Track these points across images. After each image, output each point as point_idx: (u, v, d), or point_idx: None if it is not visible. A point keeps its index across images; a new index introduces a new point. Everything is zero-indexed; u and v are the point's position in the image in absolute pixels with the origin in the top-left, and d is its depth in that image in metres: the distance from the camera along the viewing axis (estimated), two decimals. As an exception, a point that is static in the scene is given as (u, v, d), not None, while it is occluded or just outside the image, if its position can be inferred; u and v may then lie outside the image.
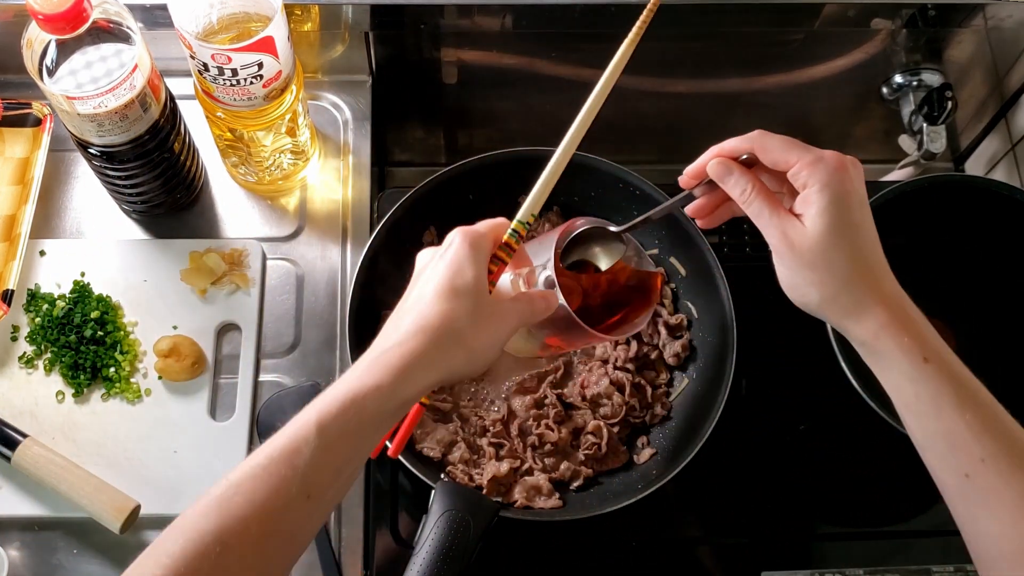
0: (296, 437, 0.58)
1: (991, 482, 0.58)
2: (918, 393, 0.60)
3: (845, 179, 0.62)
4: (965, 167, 1.22)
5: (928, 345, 0.60)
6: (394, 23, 1.01)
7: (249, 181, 1.01)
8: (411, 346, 0.61)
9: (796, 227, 0.62)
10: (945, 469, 0.60)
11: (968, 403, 0.59)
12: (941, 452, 0.60)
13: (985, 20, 1.02)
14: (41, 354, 0.92)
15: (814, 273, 0.62)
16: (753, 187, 0.64)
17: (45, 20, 0.75)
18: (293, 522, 0.57)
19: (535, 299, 0.68)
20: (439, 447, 0.86)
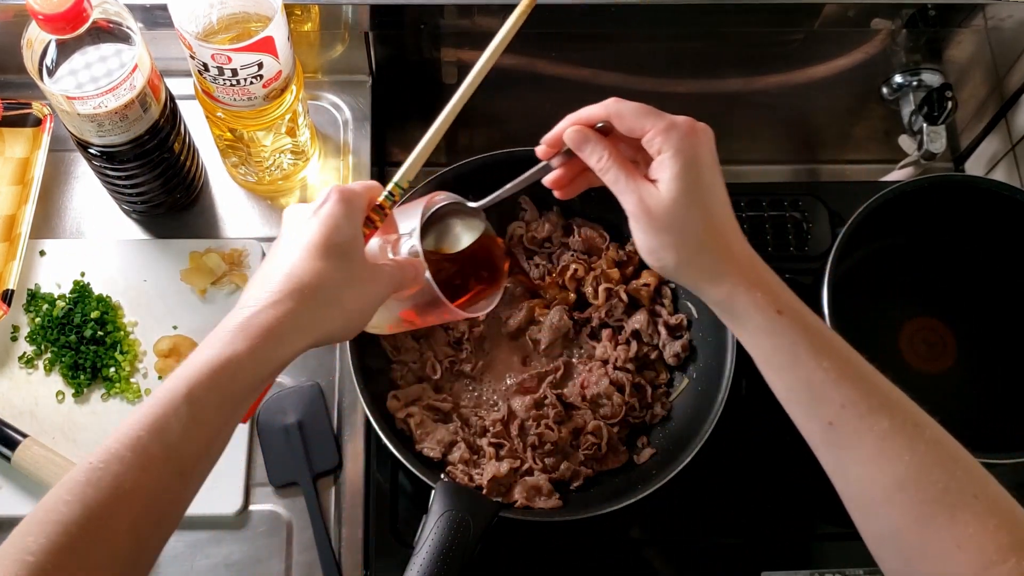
0: (164, 411, 0.55)
1: (853, 426, 0.59)
2: (775, 346, 0.61)
3: (696, 143, 0.63)
4: (965, 167, 1.22)
5: (780, 299, 0.61)
6: (394, 23, 1.01)
7: (249, 181, 1.01)
8: (285, 307, 0.59)
9: (652, 192, 0.62)
10: (809, 419, 0.61)
11: (824, 351, 0.60)
12: (803, 402, 0.61)
13: (985, 20, 1.02)
14: (41, 354, 0.92)
15: (670, 236, 0.62)
16: (609, 154, 0.64)
17: (45, 20, 0.75)
18: (166, 502, 0.55)
19: (406, 267, 0.67)
20: (439, 447, 0.86)
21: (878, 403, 0.59)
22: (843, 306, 0.87)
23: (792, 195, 1.05)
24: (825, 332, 0.61)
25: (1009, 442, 0.87)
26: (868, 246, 0.99)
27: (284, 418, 0.91)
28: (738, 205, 1.03)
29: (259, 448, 0.90)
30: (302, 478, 0.88)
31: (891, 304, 1.00)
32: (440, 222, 0.73)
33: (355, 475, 0.90)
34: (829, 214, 1.04)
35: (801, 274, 1.01)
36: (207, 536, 0.87)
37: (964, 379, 0.97)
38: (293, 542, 0.87)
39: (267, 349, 0.58)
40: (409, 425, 0.87)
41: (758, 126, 1.23)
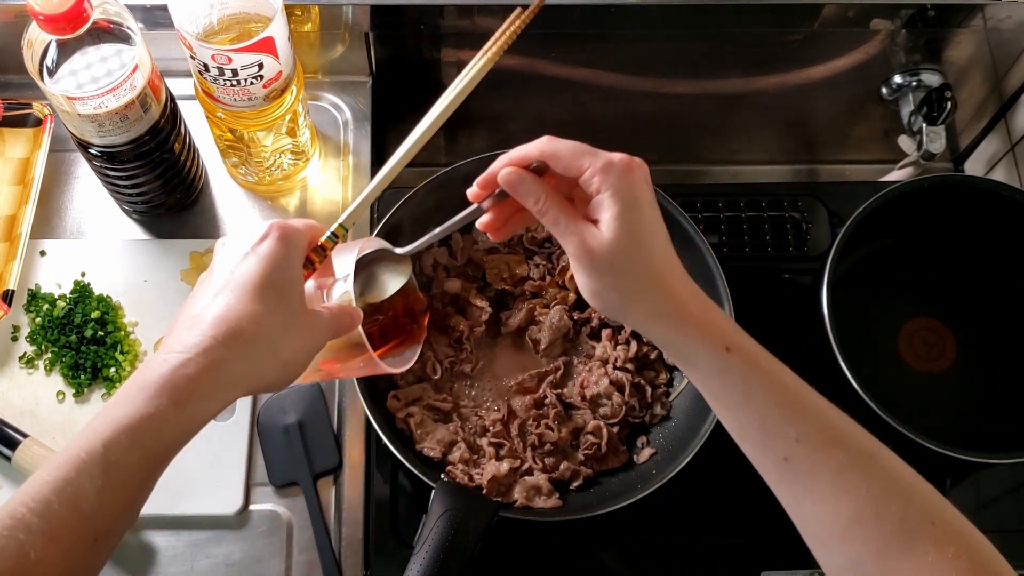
0: (78, 473, 0.50)
1: (809, 462, 0.58)
2: (725, 384, 0.60)
3: (634, 182, 0.61)
4: (964, 167, 1.22)
5: (729, 337, 0.60)
6: (394, 24, 1.01)
7: (249, 181, 1.01)
8: (216, 356, 0.54)
9: (593, 233, 0.60)
10: (764, 454, 0.60)
11: (775, 386, 0.59)
12: (757, 438, 0.60)
13: (984, 21, 1.02)
14: (41, 354, 0.92)
15: (613, 277, 0.61)
16: (547, 195, 0.62)
17: (45, 20, 0.75)
18: (77, 572, 0.50)
19: (342, 315, 0.62)
20: (439, 447, 0.86)
21: (832, 437, 0.58)
22: (842, 306, 0.87)
23: (792, 195, 1.05)
24: (776, 368, 0.61)
25: (1009, 442, 0.87)
26: (867, 246, 0.99)
27: (284, 418, 0.91)
28: (737, 205, 1.04)
29: (259, 448, 0.90)
30: (302, 478, 0.89)
31: (891, 304, 1.00)
32: (366, 269, 0.69)
33: (355, 475, 0.90)
34: (829, 214, 1.04)
35: (801, 274, 1.01)
36: (207, 536, 0.87)
37: (964, 379, 0.97)
38: (293, 542, 0.87)
39: (195, 404, 0.53)
40: (409, 425, 0.87)
41: (758, 126, 1.23)
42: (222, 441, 0.89)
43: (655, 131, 1.22)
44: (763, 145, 1.26)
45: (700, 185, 1.24)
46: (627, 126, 1.20)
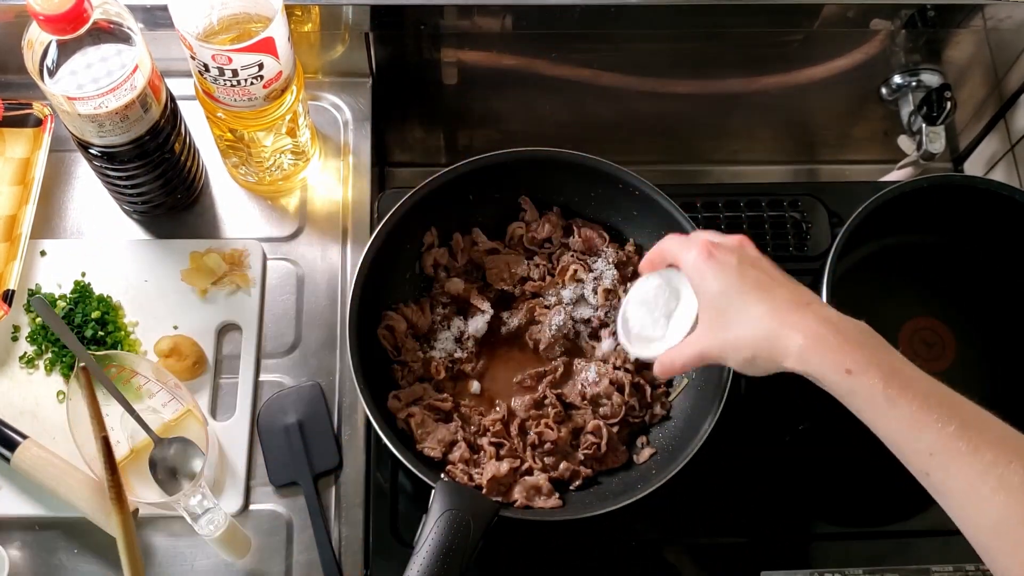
0: None
1: (944, 475, 0.58)
2: (856, 405, 0.62)
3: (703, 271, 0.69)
4: (964, 167, 1.22)
5: (849, 356, 0.62)
6: (394, 24, 1.01)
7: (249, 181, 1.01)
8: None
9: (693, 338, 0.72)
10: (911, 469, 0.61)
11: (903, 401, 0.60)
12: (898, 454, 0.61)
13: (984, 21, 1.02)
14: (42, 354, 0.92)
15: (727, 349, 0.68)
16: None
17: (46, 21, 0.75)
18: None
19: None
20: (440, 447, 0.86)
21: (966, 446, 0.57)
22: (842, 306, 0.86)
23: (792, 195, 1.05)
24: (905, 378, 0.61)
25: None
26: (867, 246, 0.99)
27: (284, 418, 0.91)
28: (737, 205, 1.05)
29: (259, 448, 0.90)
30: (302, 478, 0.88)
31: (891, 304, 1.01)
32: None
33: (355, 475, 0.90)
34: (828, 214, 1.04)
35: (801, 274, 1.00)
36: (207, 536, 0.87)
37: (964, 379, 0.97)
38: (293, 542, 0.87)
39: None
40: (410, 425, 0.87)
41: (758, 126, 1.23)
42: (222, 441, 0.89)
43: (655, 131, 1.22)
44: (763, 145, 1.26)
45: (700, 185, 1.24)
46: (627, 126, 1.20)
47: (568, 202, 0.98)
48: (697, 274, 0.69)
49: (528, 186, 0.97)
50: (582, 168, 0.93)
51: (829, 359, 0.62)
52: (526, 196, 0.97)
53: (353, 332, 0.85)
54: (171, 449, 0.84)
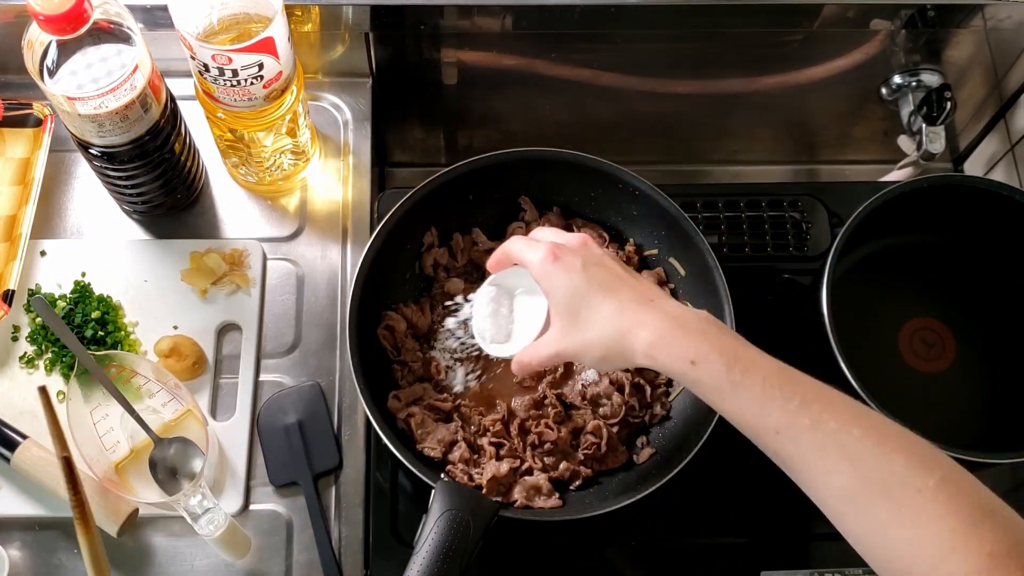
0: None
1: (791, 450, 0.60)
2: (703, 393, 0.64)
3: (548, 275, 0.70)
4: (964, 167, 1.22)
5: (692, 346, 0.64)
6: (394, 24, 1.01)
7: (249, 181, 1.01)
8: None
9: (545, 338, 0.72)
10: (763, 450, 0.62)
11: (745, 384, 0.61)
12: (748, 437, 0.63)
13: (984, 21, 1.02)
14: (42, 354, 0.92)
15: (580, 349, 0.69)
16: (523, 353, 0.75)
17: (46, 21, 0.75)
18: None
19: None
20: (440, 447, 0.86)
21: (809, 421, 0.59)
22: (842, 306, 0.87)
23: (791, 195, 1.05)
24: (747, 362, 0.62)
25: (1009, 442, 0.87)
26: (867, 246, 0.99)
27: (284, 418, 0.91)
28: (737, 205, 1.04)
29: (259, 448, 0.90)
30: (302, 478, 0.89)
31: (890, 304, 1.01)
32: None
33: (355, 475, 0.90)
34: (828, 214, 1.04)
35: (800, 274, 1.01)
36: (207, 536, 0.87)
37: (963, 379, 0.97)
38: (293, 542, 0.87)
39: None
40: (410, 425, 0.87)
41: (758, 126, 1.23)
42: (222, 441, 0.89)
43: (655, 131, 1.22)
44: (763, 145, 1.26)
45: (700, 185, 1.24)
46: (627, 126, 1.20)
47: (568, 202, 0.98)
48: (544, 278, 0.70)
49: (528, 186, 0.97)
50: (582, 168, 0.93)
51: (674, 352, 0.64)
52: (526, 196, 0.97)
53: (353, 332, 0.85)
54: (171, 449, 0.84)
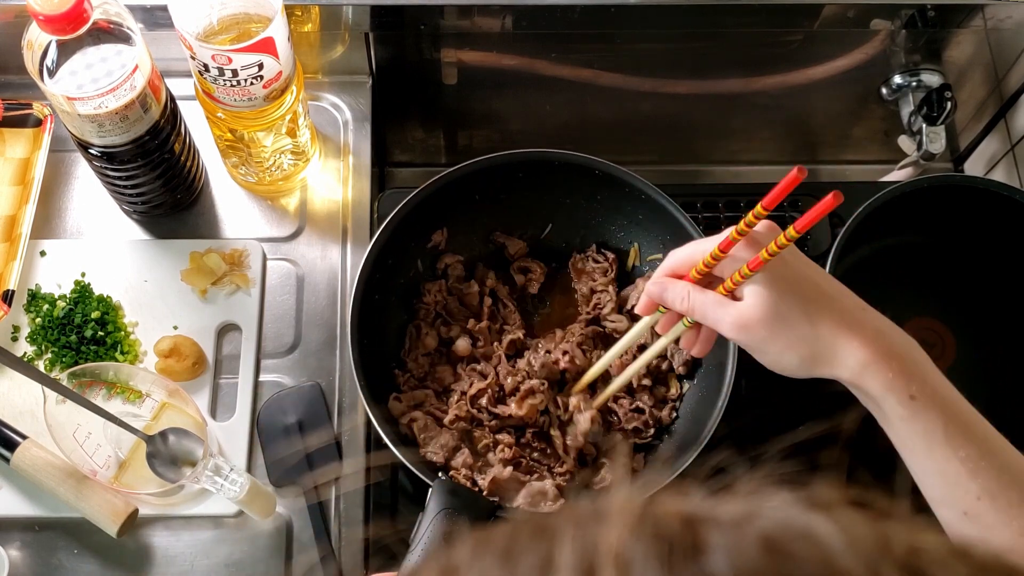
0: None
1: (990, 520, 0.56)
2: (908, 432, 0.59)
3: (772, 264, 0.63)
4: (964, 167, 1.22)
5: (915, 380, 0.59)
6: (394, 24, 1.01)
7: (249, 181, 1.01)
8: None
9: (740, 308, 0.63)
10: (944, 506, 0.59)
11: (960, 439, 0.58)
12: (938, 489, 0.59)
13: (984, 21, 1.02)
14: (42, 354, 0.92)
15: (779, 340, 0.62)
16: (688, 290, 0.66)
17: (46, 21, 0.75)
18: None
19: None
20: (443, 452, 0.86)
21: (1018, 497, 0.56)
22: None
23: (792, 195, 1.04)
24: (964, 416, 0.59)
25: (1009, 442, 0.87)
26: (867, 246, 0.99)
27: (284, 418, 0.91)
28: (737, 205, 1.04)
29: (259, 448, 0.90)
30: (302, 478, 0.89)
31: (891, 304, 1.00)
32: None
33: (355, 475, 0.90)
34: (828, 214, 1.04)
35: (801, 274, 1.01)
36: (207, 536, 0.87)
37: (964, 379, 0.96)
38: (293, 542, 0.87)
39: None
40: (412, 430, 0.87)
41: (758, 126, 1.23)
42: (222, 441, 0.89)
43: (655, 131, 1.22)
44: (763, 145, 1.26)
45: (700, 185, 1.24)
46: (627, 126, 1.20)
47: (573, 203, 0.97)
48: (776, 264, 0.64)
49: (534, 187, 0.97)
50: (584, 170, 0.93)
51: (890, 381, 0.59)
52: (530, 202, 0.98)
53: (355, 332, 0.85)
54: (165, 441, 0.84)
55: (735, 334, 0.63)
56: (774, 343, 0.62)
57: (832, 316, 0.61)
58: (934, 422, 0.58)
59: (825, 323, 0.61)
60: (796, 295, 0.62)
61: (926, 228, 0.99)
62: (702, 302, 0.65)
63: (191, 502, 0.87)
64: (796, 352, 0.62)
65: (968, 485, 0.57)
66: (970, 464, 0.57)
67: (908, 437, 0.59)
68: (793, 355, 0.62)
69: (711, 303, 0.64)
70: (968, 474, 0.57)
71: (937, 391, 0.59)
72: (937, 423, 0.58)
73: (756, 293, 0.62)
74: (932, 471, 0.59)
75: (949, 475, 0.58)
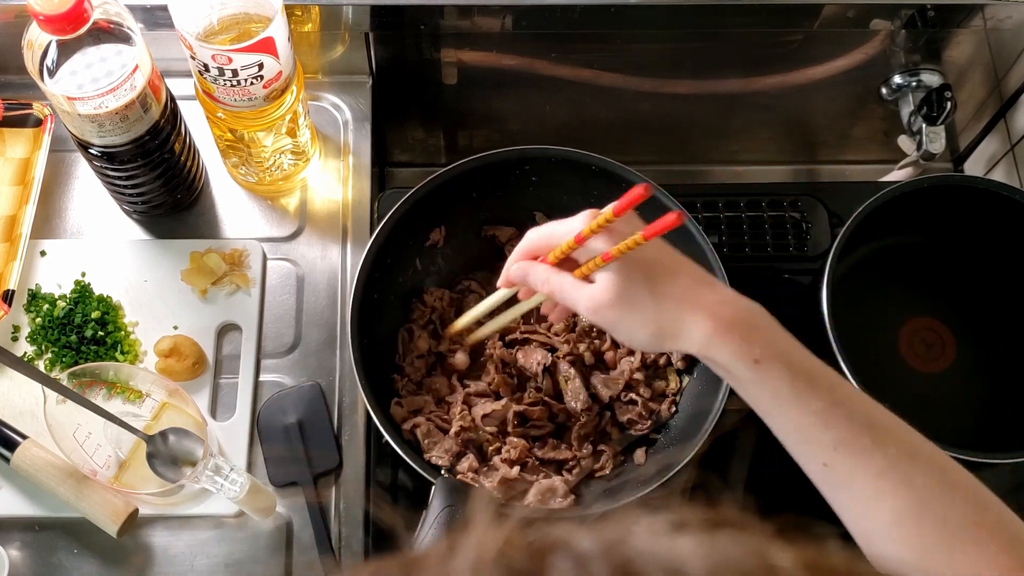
0: None
1: (847, 467, 0.59)
2: (758, 394, 0.62)
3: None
4: (964, 167, 1.22)
5: (757, 343, 0.61)
6: (394, 24, 1.01)
7: (249, 181, 1.01)
8: None
9: (592, 291, 0.66)
10: (805, 461, 0.61)
11: (808, 394, 0.60)
12: (797, 446, 0.61)
13: (984, 21, 1.02)
14: (42, 354, 0.92)
15: (628, 320, 0.66)
16: (548, 271, 0.70)
17: (46, 21, 0.75)
18: None
19: None
20: (447, 456, 0.86)
21: (871, 441, 0.58)
22: (842, 306, 0.87)
23: (791, 195, 1.05)
24: (810, 371, 0.61)
25: (1009, 442, 0.87)
26: (867, 246, 0.99)
27: (284, 418, 0.91)
28: (737, 205, 1.04)
29: (259, 448, 0.90)
30: (302, 478, 0.88)
31: (890, 304, 1.01)
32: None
33: (355, 475, 0.90)
34: (828, 214, 1.04)
35: (800, 274, 1.01)
36: (207, 536, 0.87)
37: (963, 379, 0.97)
38: (293, 542, 0.87)
39: None
40: (416, 435, 0.87)
41: (758, 126, 1.23)
42: (222, 441, 0.89)
43: (655, 131, 1.22)
44: (763, 145, 1.26)
45: (700, 185, 1.24)
46: (627, 126, 1.20)
47: (571, 202, 0.97)
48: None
49: (531, 184, 0.97)
50: (586, 166, 0.93)
51: (735, 348, 0.62)
52: (541, 212, 0.97)
53: (355, 332, 0.85)
54: (165, 440, 0.84)
55: (589, 315, 0.67)
56: (625, 323, 0.66)
57: (675, 294, 0.64)
58: (781, 380, 0.60)
59: (669, 302, 0.64)
60: (643, 277, 0.65)
61: (926, 228, 0.99)
62: (560, 285, 0.69)
63: (191, 502, 0.87)
64: (646, 330, 0.65)
65: (822, 437, 0.59)
66: (821, 416, 0.59)
67: (760, 399, 0.62)
68: (643, 333, 0.66)
69: (568, 286, 0.68)
70: (821, 425, 0.59)
71: (781, 352, 0.61)
72: (783, 381, 0.60)
73: (606, 278, 0.66)
74: (788, 429, 0.61)
75: (804, 429, 0.60)
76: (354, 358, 0.84)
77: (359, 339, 0.85)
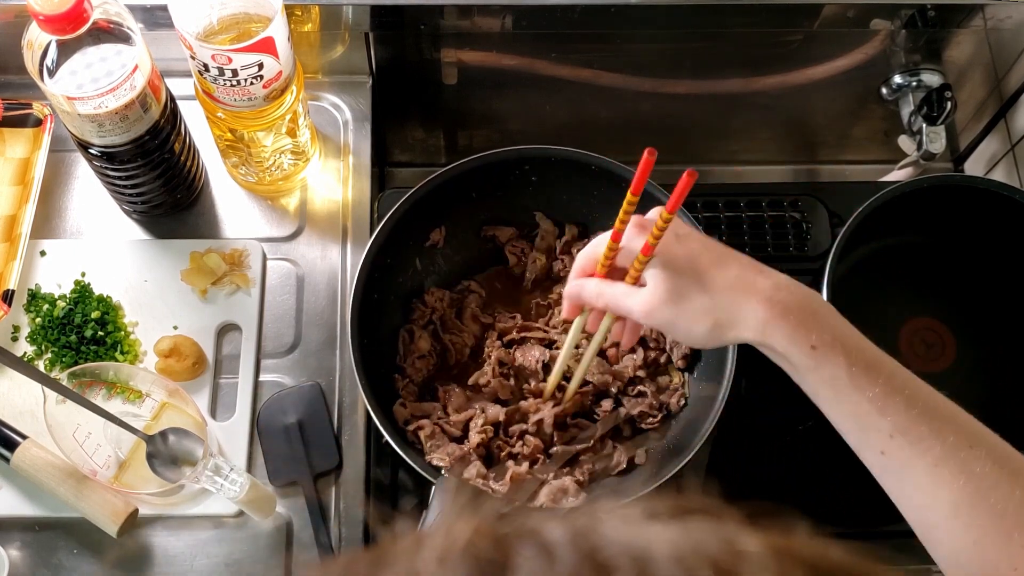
0: None
1: (905, 454, 0.58)
2: (815, 381, 0.61)
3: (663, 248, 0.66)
4: (964, 167, 1.22)
5: (814, 330, 0.61)
6: (394, 24, 1.01)
7: (249, 181, 1.01)
8: None
9: (643, 295, 0.66)
10: (862, 449, 0.61)
11: (865, 380, 0.59)
12: (853, 433, 0.61)
13: (984, 21, 1.02)
14: (42, 354, 0.92)
15: (684, 317, 0.65)
16: (600, 284, 0.69)
17: (46, 21, 0.75)
18: None
19: None
20: (449, 460, 0.86)
21: (928, 429, 0.57)
22: (842, 306, 0.86)
23: (792, 195, 1.05)
24: (868, 358, 0.60)
25: (1009, 442, 0.87)
26: (867, 246, 0.99)
27: (284, 418, 0.91)
28: (737, 205, 1.05)
29: (259, 448, 0.90)
30: (302, 478, 0.88)
31: (891, 304, 1.01)
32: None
33: (355, 475, 0.90)
34: (828, 214, 1.04)
35: (800, 274, 0.99)
36: (207, 536, 0.87)
37: (964, 379, 0.97)
38: (293, 542, 0.87)
39: None
40: (419, 437, 0.87)
41: (758, 126, 1.23)
42: (223, 441, 0.89)
43: (655, 131, 1.22)
44: (763, 145, 1.26)
45: (700, 185, 1.22)
46: (627, 126, 1.20)
47: (570, 200, 0.98)
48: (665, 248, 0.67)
49: (530, 184, 0.97)
50: (587, 167, 0.93)
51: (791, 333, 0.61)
52: (540, 211, 0.97)
53: (355, 331, 0.85)
54: (165, 440, 0.84)
55: (644, 319, 0.66)
56: (680, 320, 0.65)
57: (727, 283, 0.64)
58: (838, 367, 0.60)
59: (722, 292, 0.64)
60: (691, 271, 0.65)
61: (926, 228, 0.99)
62: (612, 294, 0.68)
63: (191, 502, 0.87)
64: (703, 324, 0.64)
65: (879, 424, 0.59)
66: (878, 403, 0.59)
67: (817, 386, 0.61)
68: (700, 327, 0.65)
69: (620, 294, 0.68)
70: (878, 412, 0.59)
71: (838, 338, 0.61)
72: (840, 368, 0.60)
73: (653, 276, 0.65)
74: (845, 416, 0.61)
75: (861, 417, 0.59)
76: (354, 358, 0.84)
77: (359, 339, 0.85)
